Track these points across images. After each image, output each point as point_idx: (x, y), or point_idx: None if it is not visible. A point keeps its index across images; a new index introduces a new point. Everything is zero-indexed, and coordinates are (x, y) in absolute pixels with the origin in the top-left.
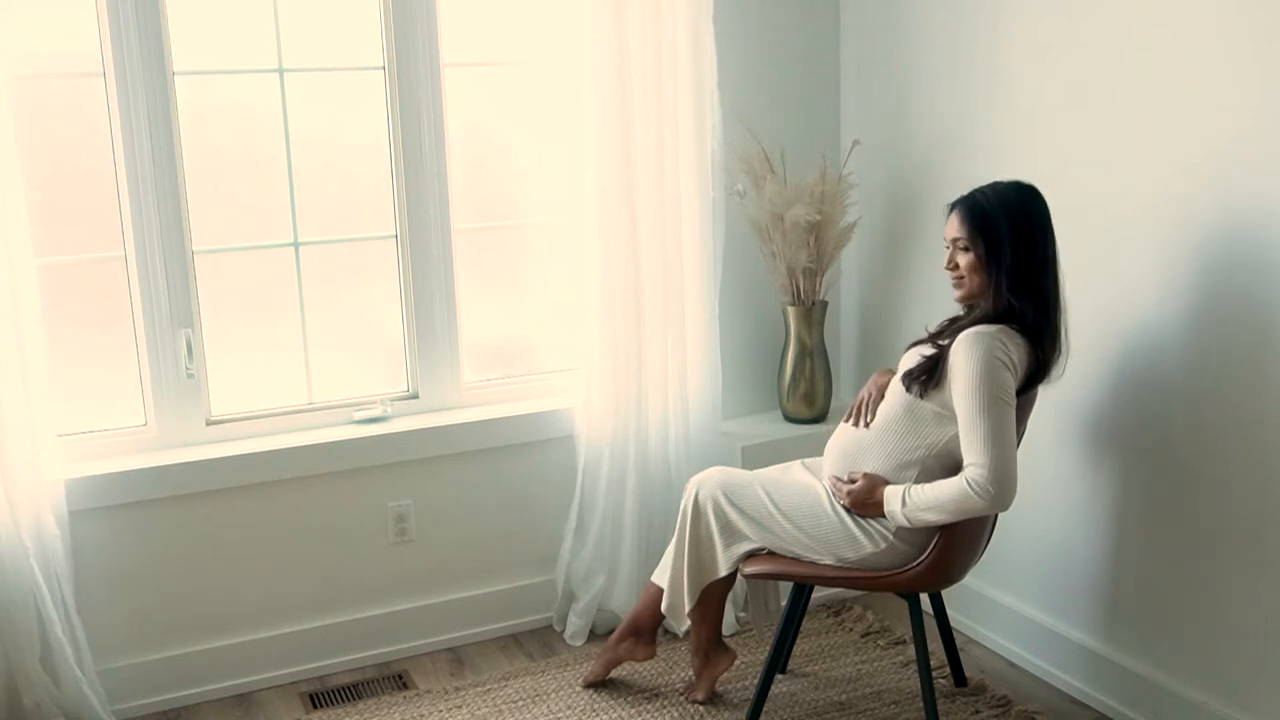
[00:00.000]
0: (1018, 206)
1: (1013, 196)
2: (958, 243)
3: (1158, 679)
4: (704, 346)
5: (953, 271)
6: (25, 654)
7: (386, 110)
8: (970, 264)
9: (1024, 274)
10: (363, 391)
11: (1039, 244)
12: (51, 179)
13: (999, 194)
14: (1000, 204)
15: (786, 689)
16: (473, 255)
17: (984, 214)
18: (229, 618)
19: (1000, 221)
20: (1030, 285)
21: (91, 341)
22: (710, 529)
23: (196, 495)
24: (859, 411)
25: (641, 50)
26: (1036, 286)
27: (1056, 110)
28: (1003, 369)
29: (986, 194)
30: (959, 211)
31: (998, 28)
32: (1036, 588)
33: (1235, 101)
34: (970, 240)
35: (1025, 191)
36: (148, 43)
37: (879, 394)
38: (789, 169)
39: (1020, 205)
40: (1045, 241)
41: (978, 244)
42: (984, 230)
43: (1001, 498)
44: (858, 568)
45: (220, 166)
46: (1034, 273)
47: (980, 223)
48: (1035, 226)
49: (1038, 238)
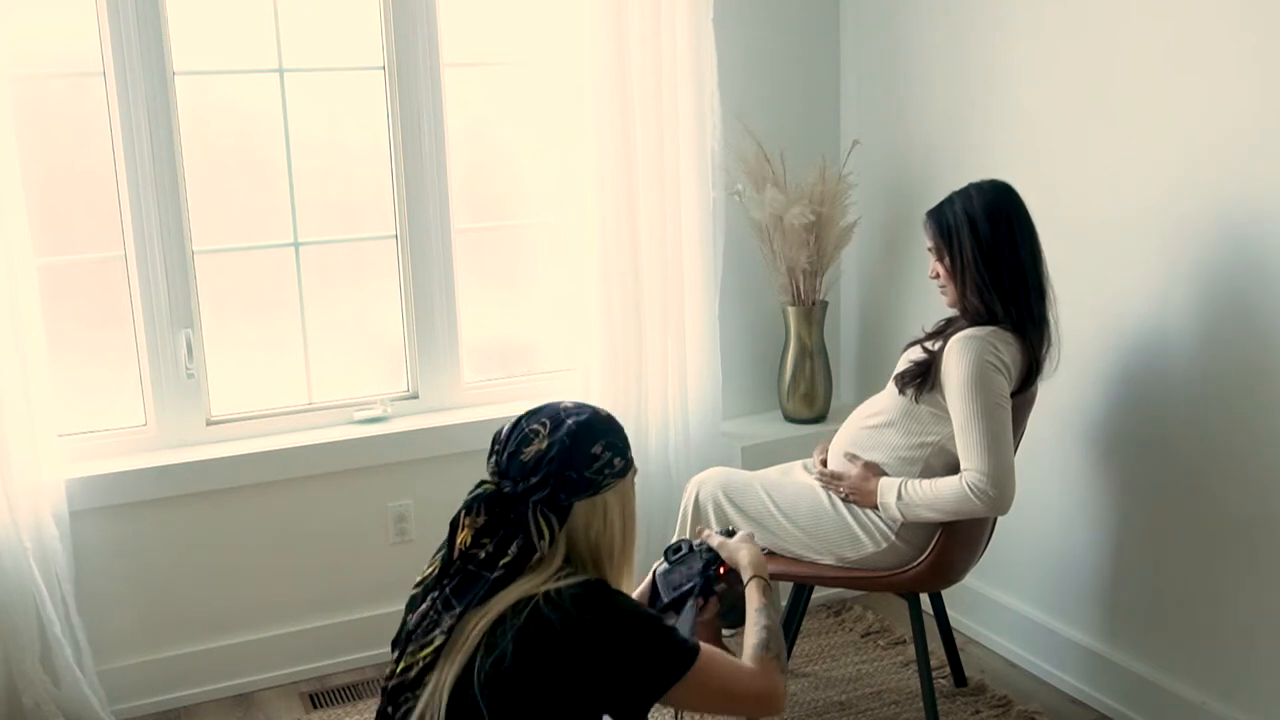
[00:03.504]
0: (983, 210)
1: (978, 200)
2: (932, 253)
3: (1158, 679)
4: (704, 346)
5: (935, 280)
6: (25, 654)
7: (386, 110)
8: (946, 272)
9: (995, 276)
10: (363, 391)
11: (1008, 244)
12: (51, 179)
13: (964, 199)
14: (964, 211)
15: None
16: (473, 255)
17: (947, 224)
18: (229, 618)
19: (962, 229)
20: (1005, 284)
21: (91, 341)
22: (710, 529)
23: (196, 495)
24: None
25: (641, 50)
26: (1012, 285)
27: (1056, 109)
28: (995, 372)
29: (954, 200)
30: (928, 222)
31: (997, 28)
32: (1036, 588)
33: (1236, 100)
34: (938, 250)
35: (994, 193)
36: (148, 43)
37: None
38: (789, 169)
39: (987, 207)
40: (1018, 239)
41: (943, 254)
42: (948, 239)
43: (1000, 501)
44: (858, 567)
45: (220, 166)
46: (1008, 272)
47: (945, 233)
48: (1000, 228)
49: (1006, 237)
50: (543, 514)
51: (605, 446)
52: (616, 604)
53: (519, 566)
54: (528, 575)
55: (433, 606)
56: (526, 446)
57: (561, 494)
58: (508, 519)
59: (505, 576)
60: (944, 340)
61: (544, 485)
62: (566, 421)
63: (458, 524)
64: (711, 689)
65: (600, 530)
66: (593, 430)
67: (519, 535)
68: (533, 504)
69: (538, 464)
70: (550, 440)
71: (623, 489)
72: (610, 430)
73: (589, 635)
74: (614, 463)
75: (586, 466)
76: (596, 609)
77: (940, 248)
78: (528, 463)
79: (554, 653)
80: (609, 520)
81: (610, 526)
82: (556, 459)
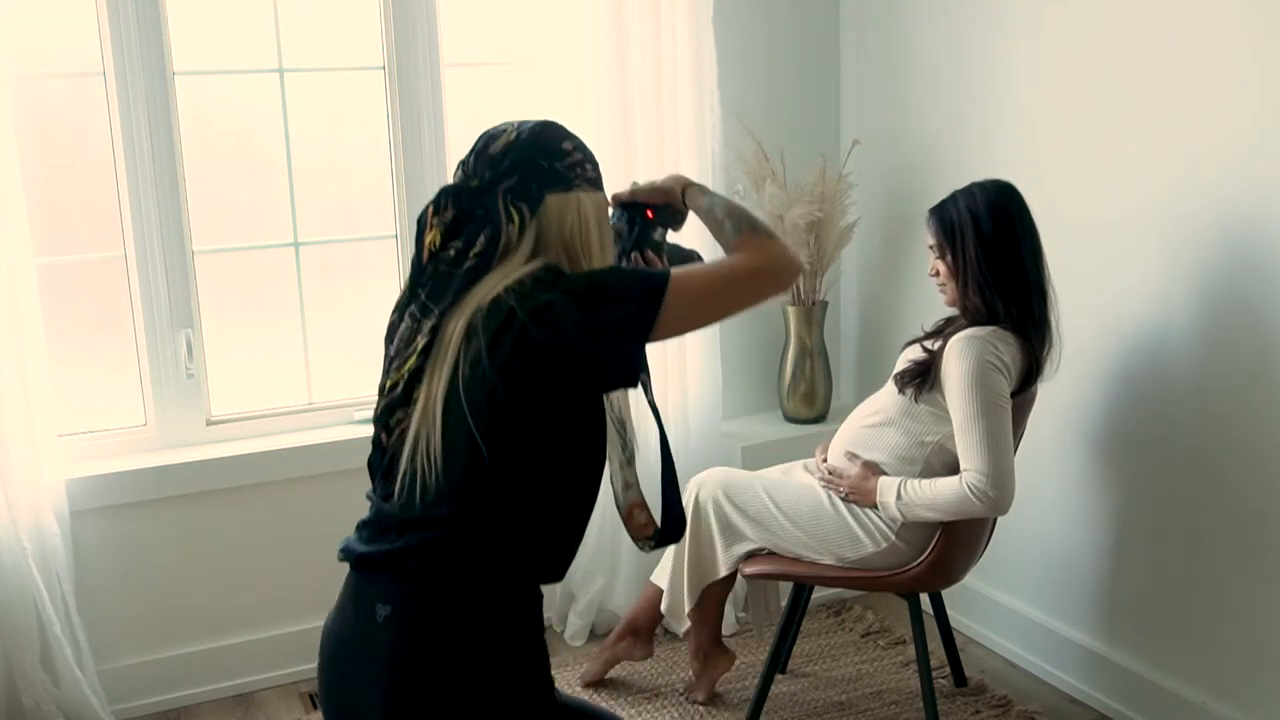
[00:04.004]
0: (985, 210)
1: (981, 200)
2: (933, 250)
3: (1158, 679)
4: (704, 346)
5: (935, 278)
6: (25, 654)
7: (386, 110)
8: (947, 270)
9: (996, 276)
10: (363, 391)
11: (1010, 243)
12: (51, 179)
13: (968, 198)
14: (968, 209)
15: (786, 689)
16: None
17: (950, 222)
18: (229, 618)
19: (965, 228)
20: (1007, 284)
21: (91, 341)
22: (710, 529)
23: (196, 495)
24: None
25: (641, 50)
26: (1014, 285)
27: (1056, 109)
28: (994, 372)
29: (957, 199)
30: (930, 220)
31: (997, 28)
32: (1036, 588)
33: (1236, 100)
34: (940, 248)
35: (997, 192)
36: (148, 43)
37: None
38: (789, 169)
39: (990, 206)
40: (1020, 239)
41: (945, 252)
42: (951, 238)
43: (1000, 502)
44: (858, 567)
45: (220, 166)
46: (1009, 272)
47: (948, 231)
48: (1002, 228)
49: (1008, 237)
50: (513, 202)
51: (576, 147)
52: (572, 274)
53: (489, 257)
54: (498, 269)
55: (411, 319)
56: (494, 142)
57: (533, 183)
58: (475, 214)
59: (477, 267)
60: (944, 340)
61: (513, 172)
62: (532, 121)
63: (425, 224)
64: (703, 294)
65: (575, 227)
66: (561, 129)
67: (488, 226)
68: (502, 192)
69: (506, 153)
70: (518, 131)
71: (597, 200)
72: (580, 139)
73: (554, 310)
74: (585, 167)
75: (558, 159)
76: (555, 284)
77: (942, 245)
78: (495, 154)
79: (524, 339)
80: (584, 218)
81: (585, 224)
82: (526, 145)
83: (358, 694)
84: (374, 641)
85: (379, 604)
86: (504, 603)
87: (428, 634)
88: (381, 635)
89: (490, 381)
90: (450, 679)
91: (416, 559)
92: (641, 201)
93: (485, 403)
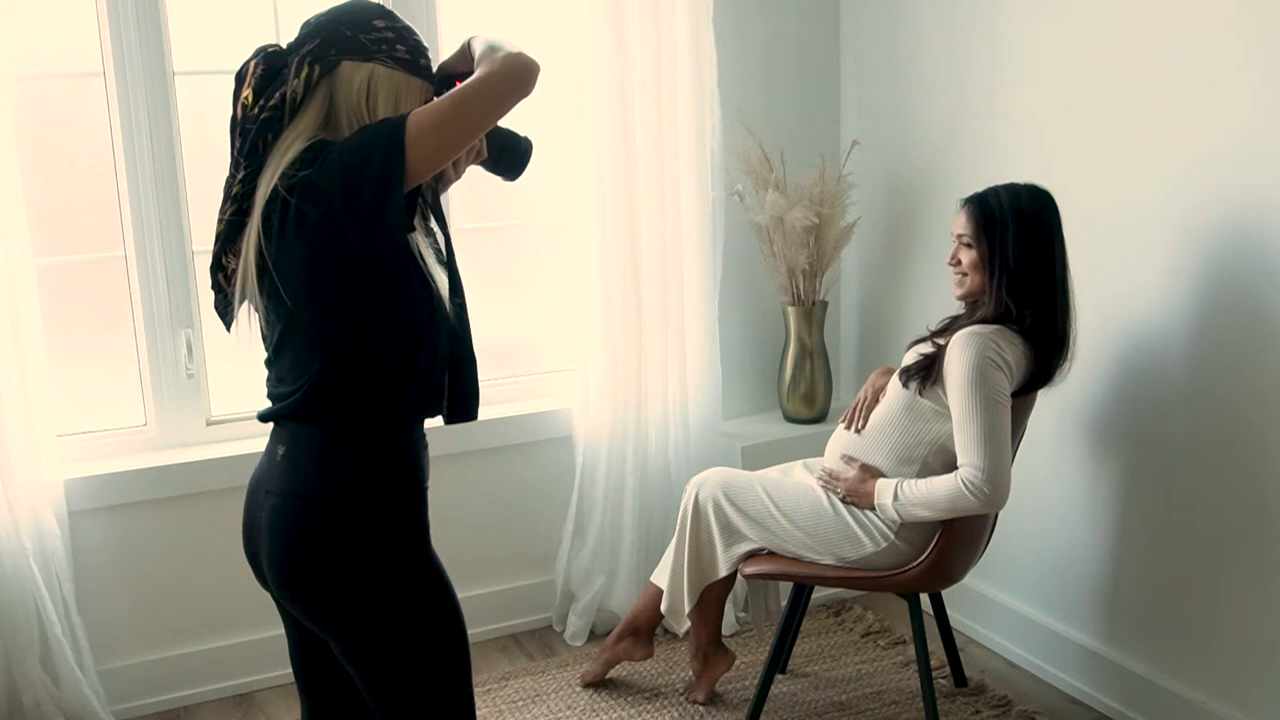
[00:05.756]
0: (1028, 211)
1: (1025, 200)
2: (962, 239)
3: (1158, 679)
4: (704, 347)
5: (955, 267)
6: (25, 654)
7: None
8: (972, 261)
9: (1026, 279)
10: None
11: (1045, 250)
12: (51, 179)
13: (1011, 196)
14: (1010, 207)
15: (786, 689)
16: (472, 255)
17: (992, 215)
18: (229, 618)
19: (1008, 224)
20: (1032, 290)
21: (91, 341)
22: (710, 529)
23: (196, 495)
24: (853, 415)
25: (641, 50)
26: (1039, 292)
27: (1056, 109)
28: (995, 369)
29: (999, 194)
30: (968, 208)
31: (998, 27)
32: (1036, 588)
33: (1237, 98)
34: (974, 238)
35: (1038, 197)
36: (148, 43)
37: (874, 398)
38: (789, 169)
39: (1031, 210)
40: (1052, 248)
41: (981, 243)
42: (989, 230)
43: (995, 498)
44: (858, 567)
45: (220, 166)
46: (1037, 278)
47: (987, 223)
48: (1043, 233)
49: (1044, 244)
50: (308, 63)
51: (390, 26)
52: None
53: (279, 110)
54: (290, 128)
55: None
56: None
57: (332, 49)
58: (282, 73)
59: (270, 120)
60: (950, 335)
61: (316, 35)
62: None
63: (242, 80)
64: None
65: (361, 95)
66: (382, 9)
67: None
68: (303, 53)
69: (320, 19)
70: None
71: (397, 78)
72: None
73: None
74: (396, 47)
75: (363, 30)
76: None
77: (977, 236)
78: (311, 20)
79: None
80: (373, 89)
81: (374, 95)
82: (337, 13)
83: (257, 521)
84: (273, 476)
85: (279, 445)
86: (375, 440)
87: (310, 466)
88: (278, 470)
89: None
90: (321, 504)
91: (294, 407)
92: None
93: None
